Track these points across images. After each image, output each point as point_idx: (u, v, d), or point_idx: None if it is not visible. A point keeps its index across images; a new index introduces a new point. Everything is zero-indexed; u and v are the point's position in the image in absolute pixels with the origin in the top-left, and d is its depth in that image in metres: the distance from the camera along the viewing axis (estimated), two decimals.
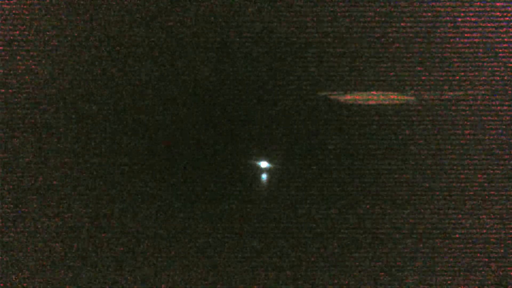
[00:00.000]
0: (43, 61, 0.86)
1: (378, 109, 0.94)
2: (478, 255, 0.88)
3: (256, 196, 0.93)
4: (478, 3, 0.90)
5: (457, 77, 0.94)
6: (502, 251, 0.88)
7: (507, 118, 0.92)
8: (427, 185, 0.92)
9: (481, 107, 0.93)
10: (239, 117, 0.94)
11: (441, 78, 0.94)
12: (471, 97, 0.93)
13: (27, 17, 0.85)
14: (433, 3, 0.92)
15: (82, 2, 0.85)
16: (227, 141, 0.94)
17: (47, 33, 0.85)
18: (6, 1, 0.83)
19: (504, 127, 0.92)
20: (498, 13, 0.90)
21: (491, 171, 0.92)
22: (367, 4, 0.92)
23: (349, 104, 0.95)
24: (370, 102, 0.95)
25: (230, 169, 0.93)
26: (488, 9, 0.90)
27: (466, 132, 0.93)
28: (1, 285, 0.84)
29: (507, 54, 0.92)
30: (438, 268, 0.88)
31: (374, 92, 0.95)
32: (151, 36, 0.89)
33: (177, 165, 0.92)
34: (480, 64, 0.92)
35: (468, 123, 0.93)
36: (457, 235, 0.90)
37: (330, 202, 0.92)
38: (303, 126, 0.96)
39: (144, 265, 0.86)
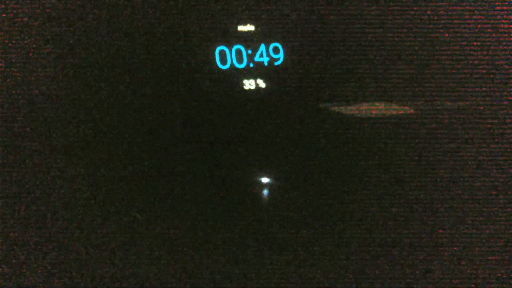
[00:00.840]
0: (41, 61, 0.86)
1: (380, 120, 0.94)
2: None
3: (258, 212, 0.94)
4: (478, 15, 0.90)
5: (458, 88, 0.94)
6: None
7: (509, 128, 0.92)
8: (429, 196, 0.92)
9: (482, 117, 0.93)
10: (239, 131, 0.95)
11: (441, 89, 0.94)
12: (472, 107, 0.93)
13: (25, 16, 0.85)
14: (432, 14, 0.92)
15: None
16: (227, 155, 0.94)
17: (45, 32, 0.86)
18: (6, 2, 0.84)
19: (505, 137, 0.92)
20: (498, 24, 0.90)
21: (493, 182, 0.92)
22: (367, 16, 0.92)
23: (351, 116, 0.95)
24: (371, 114, 0.95)
25: (231, 185, 0.94)
26: (489, 19, 0.89)
27: (467, 142, 0.93)
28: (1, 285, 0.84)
29: (508, 64, 0.92)
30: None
31: (376, 104, 0.95)
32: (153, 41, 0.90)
33: (175, 181, 0.92)
34: (481, 74, 0.91)
35: (469, 133, 0.93)
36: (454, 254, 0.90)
37: (333, 214, 0.93)
38: (305, 138, 0.96)
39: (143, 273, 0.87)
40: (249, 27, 0.94)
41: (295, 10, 0.94)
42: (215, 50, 0.92)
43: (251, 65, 0.94)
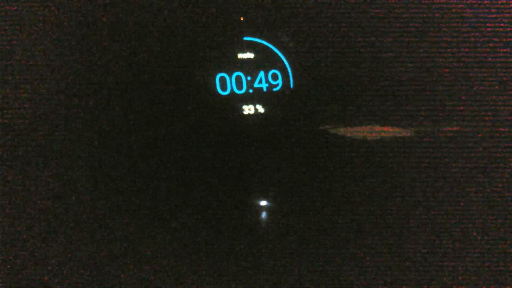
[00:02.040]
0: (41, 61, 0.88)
1: (378, 143, 0.95)
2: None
3: (256, 235, 0.94)
4: (478, 37, 0.91)
5: (457, 111, 0.94)
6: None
7: (508, 151, 0.92)
8: (428, 220, 0.92)
9: (481, 141, 0.92)
10: (239, 154, 0.97)
11: (440, 112, 0.95)
12: (470, 130, 0.94)
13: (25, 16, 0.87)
14: (431, 37, 0.92)
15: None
16: (228, 178, 0.96)
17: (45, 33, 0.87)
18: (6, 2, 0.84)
19: (505, 160, 0.91)
20: (498, 47, 0.91)
21: (493, 206, 0.92)
22: (365, 38, 0.93)
23: (349, 138, 0.96)
24: (369, 136, 0.96)
25: (230, 209, 0.95)
26: (489, 42, 0.90)
27: (466, 166, 0.93)
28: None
29: (508, 87, 0.92)
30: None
31: (374, 127, 0.96)
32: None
33: (176, 206, 0.94)
34: (480, 97, 0.92)
35: (468, 157, 0.93)
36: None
37: (331, 238, 0.93)
38: (303, 161, 0.97)
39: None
40: (249, 55, 0.97)
41: (293, 37, 0.97)
42: (215, 76, 0.95)
43: (251, 91, 0.97)
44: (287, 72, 0.98)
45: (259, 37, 0.97)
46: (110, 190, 0.92)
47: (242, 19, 0.96)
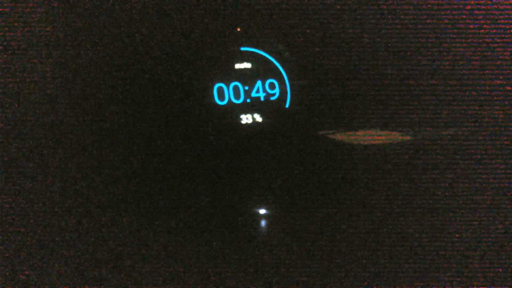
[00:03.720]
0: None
1: (377, 148, 0.96)
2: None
3: (256, 244, 0.94)
4: (476, 41, 0.92)
5: (457, 115, 0.95)
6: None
7: (508, 155, 0.94)
8: (429, 223, 0.93)
9: (481, 145, 0.94)
10: (238, 162, 0.97)
11: (439, 116, 0.96)
12: (470, 134, 0.94)
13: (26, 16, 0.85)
14: (430, 41, 0.94)
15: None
16: (226, 187, 0.96)
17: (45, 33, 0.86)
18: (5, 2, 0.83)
19: (504, 165, 0.93)
20: (498, 50, 0.92)
21: (493, 211, 0.93)
22: (364, 44, 0.95)
23: (348, 144, 0.97)
24: (369, 141, 0.97)
25: (229, 217, 0.95)
26: (488, 46, 0.92)
27: (466, 170, 0.93)
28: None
29: (508, 91, 0.94)
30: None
31: (373, 132, 0.98)
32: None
33: (175, 213, 0.93)
34: (480, 101, 0.94)
35: (468, 160, 0.93)
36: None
37: (330, 245, 0.93)
38: (302, 168, 0.98)
39: None
40: (246, 65, 0.98)
41: (289, 46, 0.99)
42: (213, 86, 0.96)
43: (248, 100, 0.98)
44: (284, 81, 0.99)
45: (256, 47, 0.98)
46: (111, 197, 0.91)
47: (239, 29, 0.97)
